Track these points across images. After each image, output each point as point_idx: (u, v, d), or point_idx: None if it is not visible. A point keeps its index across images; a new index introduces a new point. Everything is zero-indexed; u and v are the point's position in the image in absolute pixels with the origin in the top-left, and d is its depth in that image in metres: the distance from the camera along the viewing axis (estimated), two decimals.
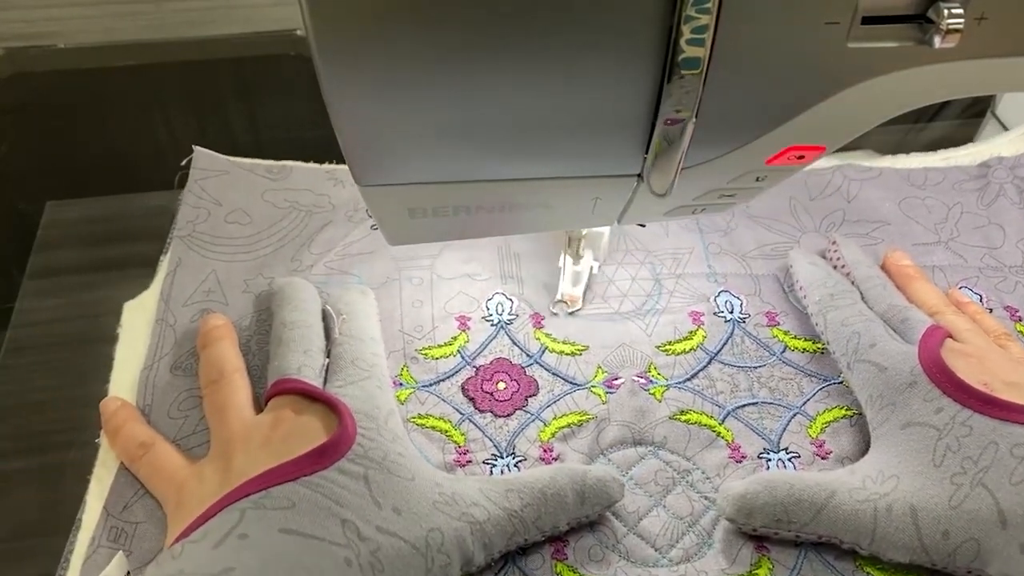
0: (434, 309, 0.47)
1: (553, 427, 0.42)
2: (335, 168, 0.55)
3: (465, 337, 0.46)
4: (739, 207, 0.53)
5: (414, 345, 0.45)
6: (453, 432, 0.42)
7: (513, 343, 0.46)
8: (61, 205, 0.55)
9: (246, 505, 0.32)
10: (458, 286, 0.48)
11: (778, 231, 0.53)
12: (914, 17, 0.27)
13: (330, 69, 0.26)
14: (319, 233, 0.51)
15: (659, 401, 0.43)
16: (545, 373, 0.45)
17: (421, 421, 0.42)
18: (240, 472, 0.35)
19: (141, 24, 0.68)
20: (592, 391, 0.44)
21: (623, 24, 0.25)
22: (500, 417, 0.43)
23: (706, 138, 0.29)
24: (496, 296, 0.48)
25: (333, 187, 0.54)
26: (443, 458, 0.41)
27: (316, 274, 0.48)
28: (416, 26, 0.25)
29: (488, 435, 0.42)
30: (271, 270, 0.49)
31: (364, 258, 0.49)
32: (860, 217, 0.54)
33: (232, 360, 0.42)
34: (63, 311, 0.49)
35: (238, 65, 0.68)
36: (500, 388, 0.44)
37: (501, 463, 0.41)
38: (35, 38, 0.66)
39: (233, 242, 0.50)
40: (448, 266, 0.49)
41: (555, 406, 0.43)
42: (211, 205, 0.52)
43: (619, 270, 0.50)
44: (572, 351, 0.45)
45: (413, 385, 0.44)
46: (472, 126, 0.28)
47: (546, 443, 0.42)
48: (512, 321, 0.47)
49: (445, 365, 0.45)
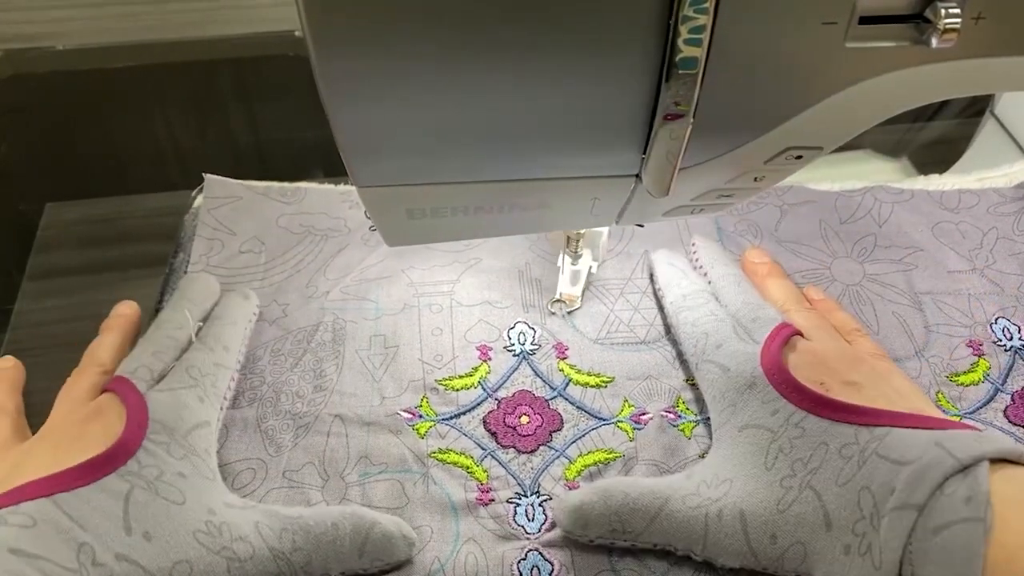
0: (454, 338, 0.46)
1: (579, 465, 0.41)
2: (350, 190, 0.54)
3: (486, 368, 0.45)
4: (767, 231, 0.52)
5: (434, 375, 0.44)
6: (475, 469, 0.41)
7: (536, 375, 0.45)
8: (61, 206, 0.55)
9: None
10: (478, 313, 0.47)
11: (808, 257, 0.51)
12: (912, 17, 0.27)
13: (328, 70, 0.26)
14: (334, 258, 0.50)
15: (688, 438, 0.42)
16: (570, 407, 0.43)
17: (442, 457, 0.41)
18: (20, 475, 0.34)
19: (141, 25, 0.68)
20: (619, 427, 0.43)
21: (620, 24, 0.25)
22: (523, 453, 0.42)
23: (704, 138, 0.29)
24: (518, 325, 0.47)
25: (348, 209, 0.53)
26: (465, 496, 0.40)
27: (332, 299, 0.48)
28: (413, 26, 0.25)
29: (512, 472, 0.41)
30: (285, 296, 0.48)
31: (381, 283, 0.49)
32: (892, 243, 0.52)
33: (102, 355, 0.42)
34: (63, 312, 0.49)
35: (238, 65, 0.69)
36: (523, 422, 0.43)
37: (525, 502, 0.40)
38: (35, 39, 0.66)
39: (247, 271, 0.49)
40: (468, 292, 0.48)
41: (580, 442, 0.42)
42: (225, 236, 0.51)
43: (643, 298, 0.49)
44: (597, 383, 0.44)
45: (433, 418, 0.43)
46: (470, 127, 0.28)
47: (571, 481, 0.41)
48: (535, 352, 0.46)
49: (466, 397, 0.44)
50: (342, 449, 0.41)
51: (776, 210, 0.54)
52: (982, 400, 0.45)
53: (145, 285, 0.49)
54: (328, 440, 0.42)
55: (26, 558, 0.31)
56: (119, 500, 0.34)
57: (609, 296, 0.49)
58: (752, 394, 0.39)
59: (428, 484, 0.40)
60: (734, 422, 0.39)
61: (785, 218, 0.53)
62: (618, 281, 0.49)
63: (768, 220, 0.53)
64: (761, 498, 0.36)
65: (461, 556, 0.38)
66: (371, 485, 0.40)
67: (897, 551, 0.30)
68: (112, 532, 0.33)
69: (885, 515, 0.32)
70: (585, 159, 0.30)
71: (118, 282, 0.50)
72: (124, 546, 0.33)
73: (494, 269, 0.50)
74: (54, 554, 0.31)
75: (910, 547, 0.30)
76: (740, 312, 0.44)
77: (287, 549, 0.35)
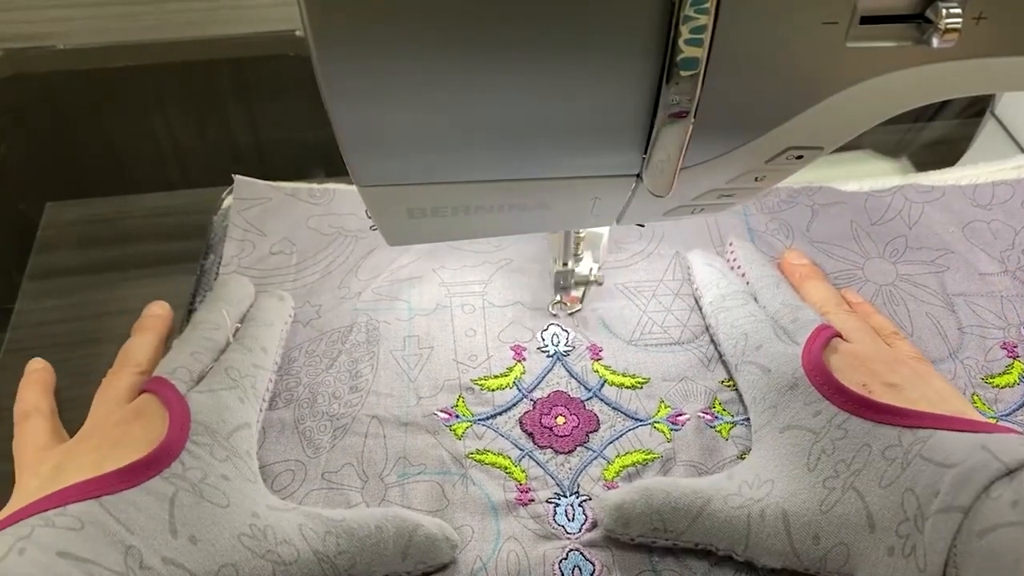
0: (487, 338, 0.46)
1: (617, 465, 0.41)
2: None
3: (521, 368, 0.45)
4: (799, 231, 0.52)
5: (469, 375, 0.44)
6: (514, 469, 0.41)
7: (571, 375, 0.45)
8: (61, 206, 0.55)
9: (38, 522, 0.32)
10: (511, 314, 0.47)
11: (840, 258, 0.51)
12: (912, 17, 0.27)
13: (329, 70, 0.26)
14: (365, 259, 0.50)
15: (726, 439, 0.42)
16: (605, 408, 0.43)
17: (480, 457, 0.41)
18: (63, 477, 0.34)
19: (141, 24, 0.68)
20: (656, 428, 0.43)
21: (622, 24, 0.25)
22: (561, 454, 0.42)
23: (705, 138, 0.29)
24: (551, 326, 0.47)
25: None
26: (504, 496, 0.40)
27: (365, 300, 0.48)
28: (414, 26, 0.25)
29: (550, 473, 0.41)
30: (318, 297, 0.48)
31: (413, 283, 0.49)
32: (923, 244, 0.52)
33: (138, 355, 0.41)
34: (63, 312, 0.49)
35: (238, 65, 0.69)
36: (559, 423, 0.43)
37: (565, 502, 0.40)
38: (35, 39, 0.66)
39: (279, 272, 0.49)
40: (500, 293, 0.48)
41: (618, 443, 0.42)
42: (256, 237, 0.51)
43: (676, 300, 0.49)
44: (633, 384, 0.45)
45: (469, 419, 0.43)
46: (471, 126, 0.28)
47: (610, 482, 0.41)
48: (569, 353, 0.46)
49: (501, 397, 0.44)
50: (380, 450, 0.41)
51: (807, 210, 0.54)
52: (1018, 402, 0.44)
53: (145, 285, 0.49)
54: (366, 441, 0.42)
55: (75, 561, 0.31)
56: (164, 503, 0.34)
57: (641, 297, 0.49)
58: (794, 395, 0.39)
59: (467, 485, 0.40)
60: (775, 423, 0.39)
61: (816, 218, 0.53)
62: (650, 283, 0.50)
63: (800, 220, 0.53)
64: (804, 499, 0.36)
65: (503, 554, 0.38)
66: (410, 486, 0.40)
67: (942, 553, 0.30)
68: (158, 535, 0.33)
69: (929, 517, 0.32)
70: (586, 159, 0.30)
71: (118, 282, 0.50)
72: (170, 549, 0.33)
73: (525, 270, 0.50)
74: (102, 557, 0.31)
75: (955, 550, 0.30)
76: (779, 313, 0.44)
77: (331, 552, 0.35)
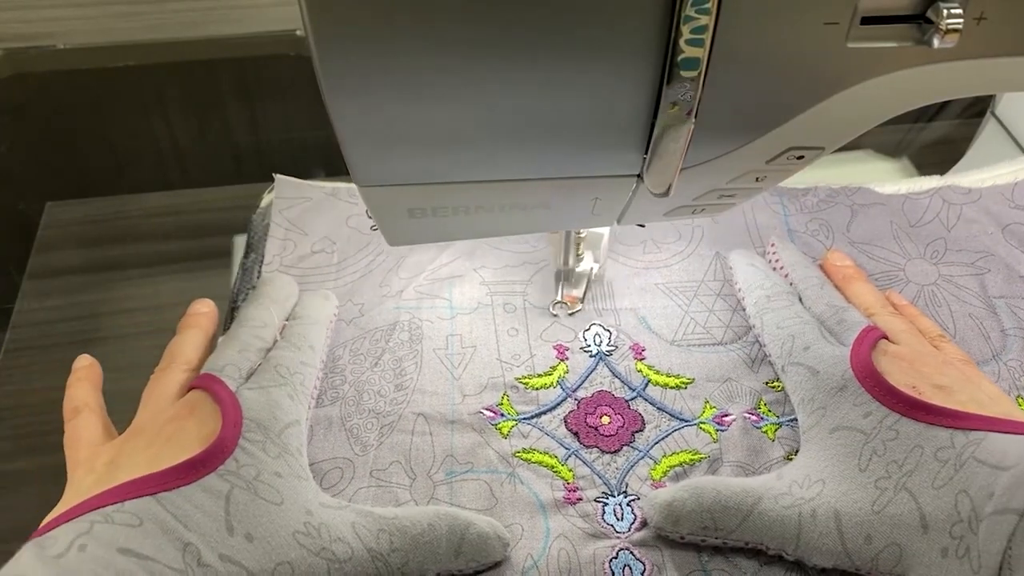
0: (530, 337, 0.46)
1: (664, 465, 0.41)
2: None
3: (564, 367, 0.45)
4: (839, 231, 0.52)
5: (512, 373, 0.44)
6: (560, 468, 0.41)
7: (614, 375, 0.45)
8: (61, 205, 0.55)
9: (96, 518, 0.32)
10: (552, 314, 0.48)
11: (881, 259, 0.51)
12: (913, 17, 0.27)
13: (330, 69, 0.26)
14: (406, 257, 0.50)
15: (772, 440, 0.42)
16: (650, 407, 0.43)
17: (526, 456, 0.41)
18: (117, 472, 0.35)
19: (141, 24, 0.68)
20: (701, 428, 0.43)
21: (623, 24, 0.25)
22: (607, 453, 0.42)
23: (706, 138, 0.29)
24: (593, 327, 0.47)
25: None
26: (552, 495, 0.40)
27: (406, 299, 0.48)
28: (416, 27, 0.25)
29: (597, 472, 0.41)
30: (360, 296, 0.48)
31: (454, 282, 0.49)
32: (962, 247, 0.51)
33: (187, 352, 0.41)
34: (63, 311, 0.49)
35: (238, 65, 0.69)
36: (604, 422, 0.43)
37: (613, 502, 0.40)
38: (34, 38, 0.66)
39: (320, 271, 0.49)
40: (541, 294, 0.48)
41: (664, 443, 0.42)
42: (297, 236, 0.51)
43: (717, 300, 0.49)
44: (677, 384, 0.44)
45: (514, 417, 0.43)
46: (472, 126, 0.28)
47: (658, 481, 0.41)
48: (611, 352, 0.46)
49: (546, 396, 0.44)
50: (427, 448, 0.41)
51: (847, 210, 0.54)
52: None
53: (145, 285, 0.49)
54: (413, 439, 0.42)
55: (135, 558, 0.31)
56: (220, 500, 0.34)
57: (683, 297, 0.49)
58: (843, 397, 0.39)
59: (515, 484, 0.40)
60: (824, 424, 0.39)
61: (856, 218, 0.53)
62: (691, 283, 0.49)
63: (839, 220, 0.53)
64: (856, 498, 0.36)
65: (553, 552, 0.38)
66: (458, 484, 0.40)
67: (997, 555, 0.31)
68: (215, 532, 0.33)
69: (984, 519, 0.32)
70: (587, 159, 0.30)
71: (118, 282, 0.50)
72: (227, 547, 0.33)
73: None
74: (161, 554, 0.32)
75: (1010, 551, 0.30)
76: (825, 314, 0.44)
77: (385, 550, 0.35)
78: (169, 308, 0.51)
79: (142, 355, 0.48)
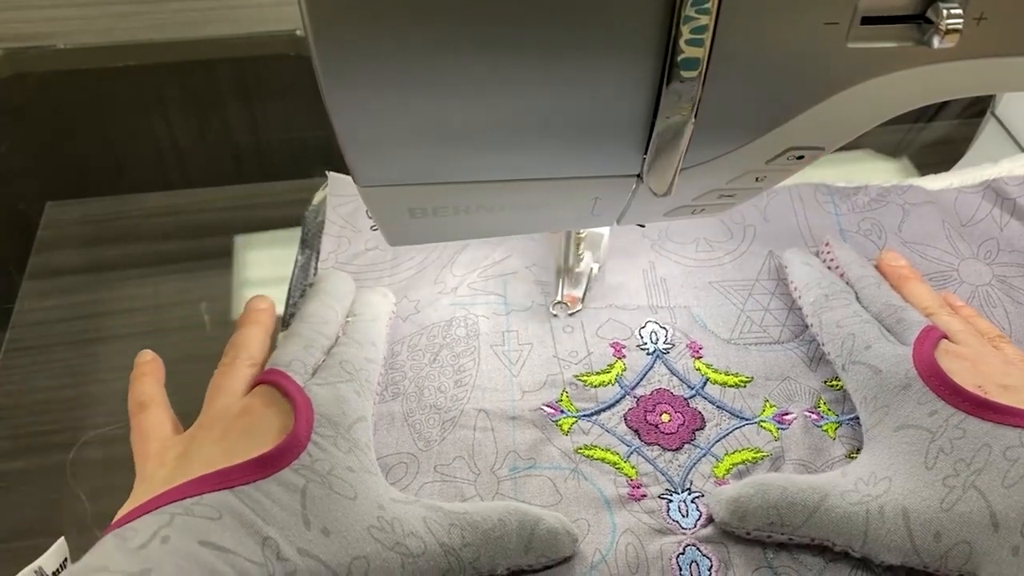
0: (586, 334, 0.46)
1: (727, 463, 0.41)
2: None
3: (622, 365, 0.45)
4: (891, 231, 0.52)
5: (571, 371, 0.45)
6: (623, 465, 0.41)
7: (672, 373, 0.45)
8: (61, 205, 0.55)
9: (176, 510, 0.32)
10: (607, 313, 0.47)
11: (934, 259, 0.51)
12: (913, 17, 0.27)
13: (330, 69, 0.26)
14: (459, 254, 0.50)
15: (833, 439, 0.42)
16: (710, 406, 0.43)
17: (588, 452, 0.42)
18: (190, 465, 0.35)
19: (141, 24, 0.68)
20: (762, 426, 0.43)
21: (623, 25, 0.25)
22: (668, 451, 0.42)
23: (706, 138, 0.29)
24: (649, 324, 0.47)
25: None
26: (616, 491, 0.40)
27: (461, 295, 0.48)
28: (416, 26, 0.25)
29: (659, 469, 0.41)
30: (415, 292, 0.48)
31: (507, 279, 0.49)
32: (1015, 247, 0.51)
33: (251, 347, 0.42)
34: (63, 311, 0.49)
35: (238, 65, 0.69)
36: (664, 420, 0.43)
37: (677, 498, 0.40)
38: (35, 38, 0.66)
39: (375, 268, 0.50)
40: (593, 292, 0.48)
41: (725, 441, 0.42)
42: (351, 233, 0.51)
43: (772, 299, 0.49)
44: (736, 383, 0.45)
45: (574, 414, 0.43)
46: (472, 126, 0.28)
47: (722, 479, 0.41)
48: (668, 351, 0.46)
49: (604, 394, 0.44)
50: (490, 443, 0.42)
51: (899, 209, 0.53)
52: None
53: (145, 285, 0.49)
54: (475, 434, 0.42)
55: (216, 551, 0.31)
56: (296, 494, 0.34)
57: (738, 296, 0.49)
58: (907, 395, 0.39)
59: (579, 480, 0.40)
60: (888, 423, 0.39)
61: (908, 218, 0.53)
62: (745, 281, 0.50)
63: (891, 220, 0.53)
64: (924, 496, 0.36)
65: (621, 547, 0.38)
66: (522, 480, 0.40)
67: None
68: (293, 526, 0.33)
69: None
70: (587, 159, 0.30)
71: (118, 282, 0.50)
72: (305, 541, 0.33)
73: (618, 270, 0.50)
74: (241, 547, 0.32)
75: None
76: (883, 313, 0.44)
77: (457, 544, 0.35)
78: (169, 308, 0.51)
79: None
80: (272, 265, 0.55)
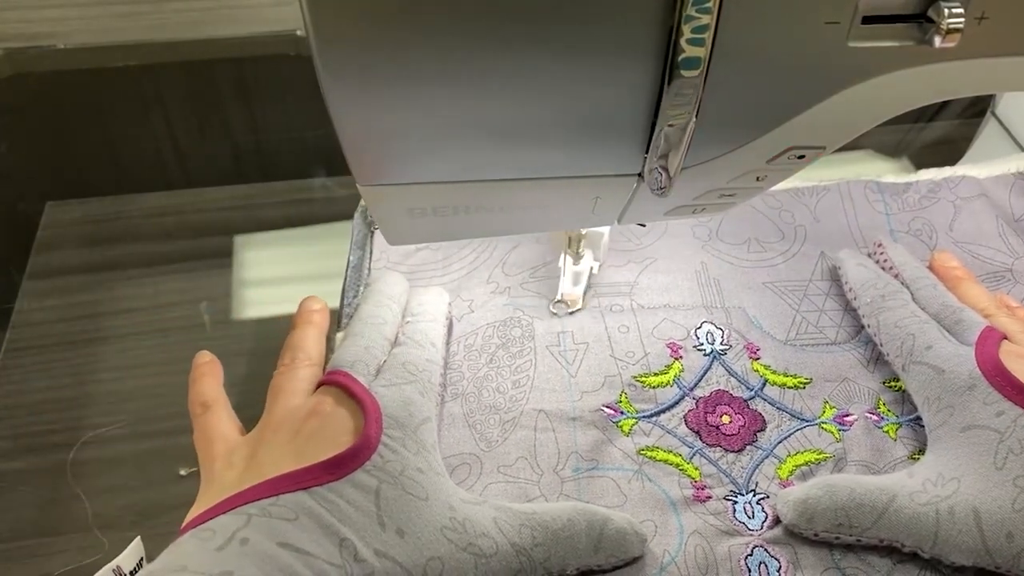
0: (642, 335, 0.46)
1: (790, 464, 0.41)
2: None
3: (679, 366, 0.45)
4: (942, 230, 0.52)
5: (629, 371, 0.44)
6: (686, 466, 0.41)
7: (730, 375, 0.45)
8: (61, 205, 0.55)
9: (253, 511, 0.32)
10: (662, 314, 0.47)
11: (987, 259, 0.50)
12: (914, 17, 0.27)
13: (330, 69, 0.26)
14: (510, 254, 0.50)
15: (894, 440, 0.42)
16: (769, 407, 0.43)
17: (651, 454, 0.41)
18: (261, 466, 0.35)
19: (141, 24, 0.68)
20: (823, 428, 0.43)
21: (624, 24, 0.25)
22: (731, 452, 0.41)
23: (706, 138, 0.29)
24: (705, 325, 0.47)
25: None
26: (680, 492, 0.40)
27: (515, 296, 0.48)
28: (416, 26, 0.25)
29: (723, 470, 0.41)
30: (468, 292, 0.48)
31: (558, 280, 0.48)
32: None
33: (309, 347, 0.42)
34: (63, 311, 0.49)
35: (238, 65, 0.68)
36: (725, 422, 0.43)
37: (742, 500, 0.40)
38: (35, 38, 0.66)
39: (426, 268, 0.50)
40: (648, 296, 0.48)
41: (787, 442, 0.42)
42: None
43: (827, 300, 0.48)
44: (795, 384, 0.44)
45: (635, 415, 0.43)
46: (472, 126, 0.28)
47: (786, 480, 0.40)
48: (726, 352, 0.45)
49: (663, 395, 0.44)
50: (551, 444, 0.41)
51: (950, 206, 0.53)
52: None
53: (145, 285, 0.49)
54: (536, 435, 0.42)
55: (295, 552, 0.31)
56: (371, 495, 0.34)
57: (792, 297, 0.48)
58: (972, 396, 0.39)
59: (643, 481, 0.40)
60: (953, 423, 0.39)
61: (959, 216, 0.52)
62: (799, 282, 0.49)
63: (942, 219, 0.52)
64: (994, 496, 0.36)
65: (689, 548, 0.38)
66: (585, 481, 0.40)
67: None
68: (368, 528, 0.33)
69: None
70: (587, 158, 0.30)
71: (118, 282, 0.50)
72: (381, 542, 0.33)
73: (671, 270, 0.49)
74: (319, 549, 0.32)
75: None
76: (941, 314, 0.44)
77: (527, 545, 0.35)
78: (169, 308, 0.51)
79: (142, 355, 0.48)
80: (272, 265, 0.55)
